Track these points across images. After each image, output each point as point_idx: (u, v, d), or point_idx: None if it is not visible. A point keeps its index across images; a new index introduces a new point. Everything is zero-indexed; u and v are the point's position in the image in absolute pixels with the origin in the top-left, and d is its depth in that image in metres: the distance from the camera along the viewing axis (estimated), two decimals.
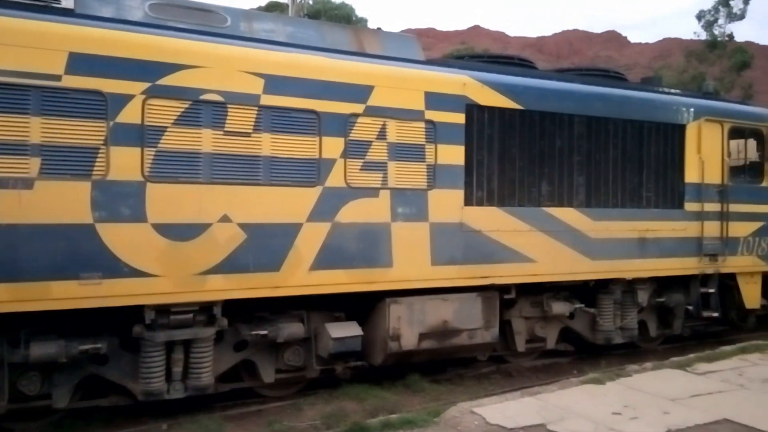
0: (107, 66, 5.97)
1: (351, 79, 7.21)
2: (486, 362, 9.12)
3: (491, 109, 8.14)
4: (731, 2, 40.89)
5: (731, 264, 10.22)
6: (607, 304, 9.37)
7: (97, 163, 5.92)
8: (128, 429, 6.55)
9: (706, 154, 9.92)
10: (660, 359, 8.78)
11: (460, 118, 7.89)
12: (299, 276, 6.84)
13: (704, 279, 10.08)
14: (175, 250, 6.21)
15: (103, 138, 5.95)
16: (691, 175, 9.80)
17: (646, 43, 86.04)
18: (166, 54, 6.24)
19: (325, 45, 7.49)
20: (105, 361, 6.38)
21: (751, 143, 10.65)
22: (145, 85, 6.12)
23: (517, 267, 8.25)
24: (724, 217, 10.05)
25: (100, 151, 5.94)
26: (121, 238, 5.98)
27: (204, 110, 6.39)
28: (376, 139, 7.36)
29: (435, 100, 7.70)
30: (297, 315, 7.22)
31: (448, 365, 8.85)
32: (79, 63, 5.85)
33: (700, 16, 42.32)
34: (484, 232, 8.01)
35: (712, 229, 9.93)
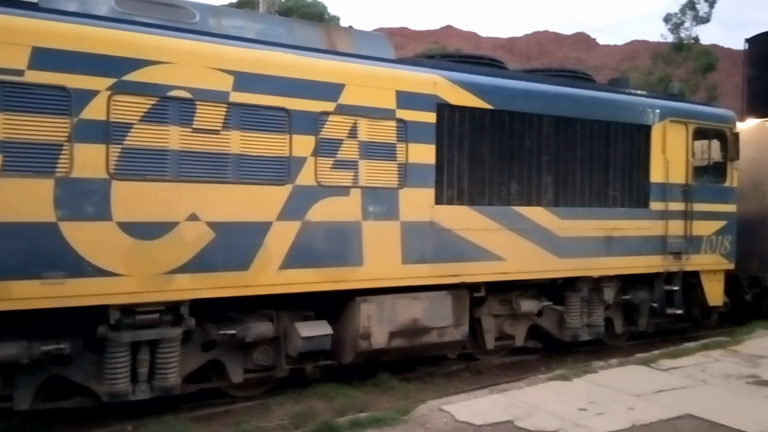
0: (72, 61, 5.85)
1: (322, 77, 7.18)
2: (456, 360, 9.17)
3: (462, 109, 8.18)
4: (697, 6, 41.71)
5: (695, 262, 10.44)
6: (574, 302, 9.51)
7: (60, 161, 5.79)
8: (92, 431, 6.43)
9: (670, 155, 10.12)
10: (625, 356, 8.95)
11: (431, 117, 7.91)
12: (268, 275, 6.79)
13: (668, 277, 10.29)
14: (141, 249, 6.11)
15: (66, 135, 5.82)
16: (656, 175, 9.98)
17: (615, 45, 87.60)
18: (133, 49, 6.13)
19: (296, 42, 7.44)
20: (69, 362, 6.25)
21: (715, 144, 10.89)
22: (111, 80, 6.01)
23: (486, 265, 8.32)
24: (688, 216, 10.26)
25: (64, 148, 5.81)
26: (85, 237, 5.86)
27: (171, 107, 6.30)
28: (347, 137, 7.35)
29: (406, 99, 7.71)
30: (266, 314, 7.16)
31: (418, 363, 8.88)
32: (43, 58, 5.71)
33: (666, 19, 43.03)
34: (455, 230, 8.06)
35: (676, 227, 10.14)
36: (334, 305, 7.62)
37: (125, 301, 6.10)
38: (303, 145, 7.03)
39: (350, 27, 8.79)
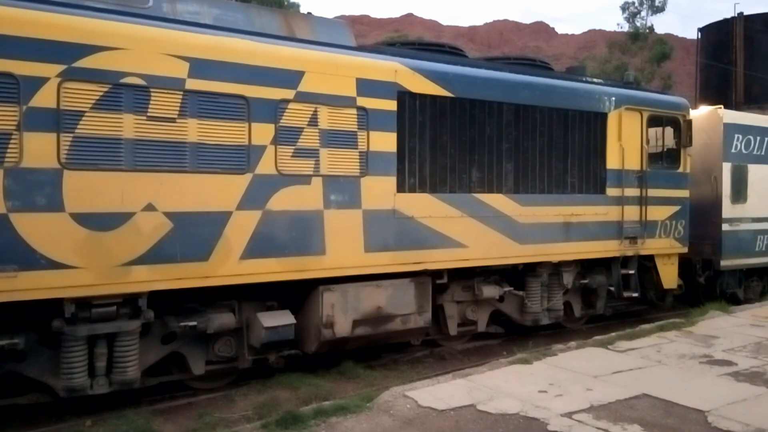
0: (19, 47, 5.63)
1: (281, 64, 7.09)
2: (419, 347, 9.25)
3: (423, 97, 8.18)
4: None
5: (650, 246, 10.71)
6: (534, 287, 9.66)
7: (9, 150, 5.59)
8: (50, 427, 6.28)
9: (626, 142, 10.33)
10: (584, 338, 9.14)
11: (391, 105, 7.90)
12: (229, 265, 6.71)
13: (625, 261, 10.54)
14: (95, 241, 5.96)
15: (15, 123, 5.62)
16: (612, 162, 10.18)
17: (573, 35, 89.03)
18: (83, 35, 5.94)
19: (254, 29, 7.32)
20: (23, 357, 6.08)
21: (669, 131, 11.15)
22: (61, 67, 5.82)
23: (448, 252, 8.37)
24: (643, 201, 10.50)
25: (13, 137, 5.61)
26: (37, 229, 5.68)
27: (125, 94, 6.14)
28: (308, 125, 7.28)
29: (367, 87, 7.68)
30: (228, 305, 7.09)
31: (382, 351, 8.92)
32: None
33: (624, 8, 43.87)
34: (417, 218, 8.08)
35: (631, 213, 10.38)
36: (297, 294, 7.57)
37: (80, 294, 5.95)
38: (262, 133, 6.94)
39: (309, 13, 8.69)
